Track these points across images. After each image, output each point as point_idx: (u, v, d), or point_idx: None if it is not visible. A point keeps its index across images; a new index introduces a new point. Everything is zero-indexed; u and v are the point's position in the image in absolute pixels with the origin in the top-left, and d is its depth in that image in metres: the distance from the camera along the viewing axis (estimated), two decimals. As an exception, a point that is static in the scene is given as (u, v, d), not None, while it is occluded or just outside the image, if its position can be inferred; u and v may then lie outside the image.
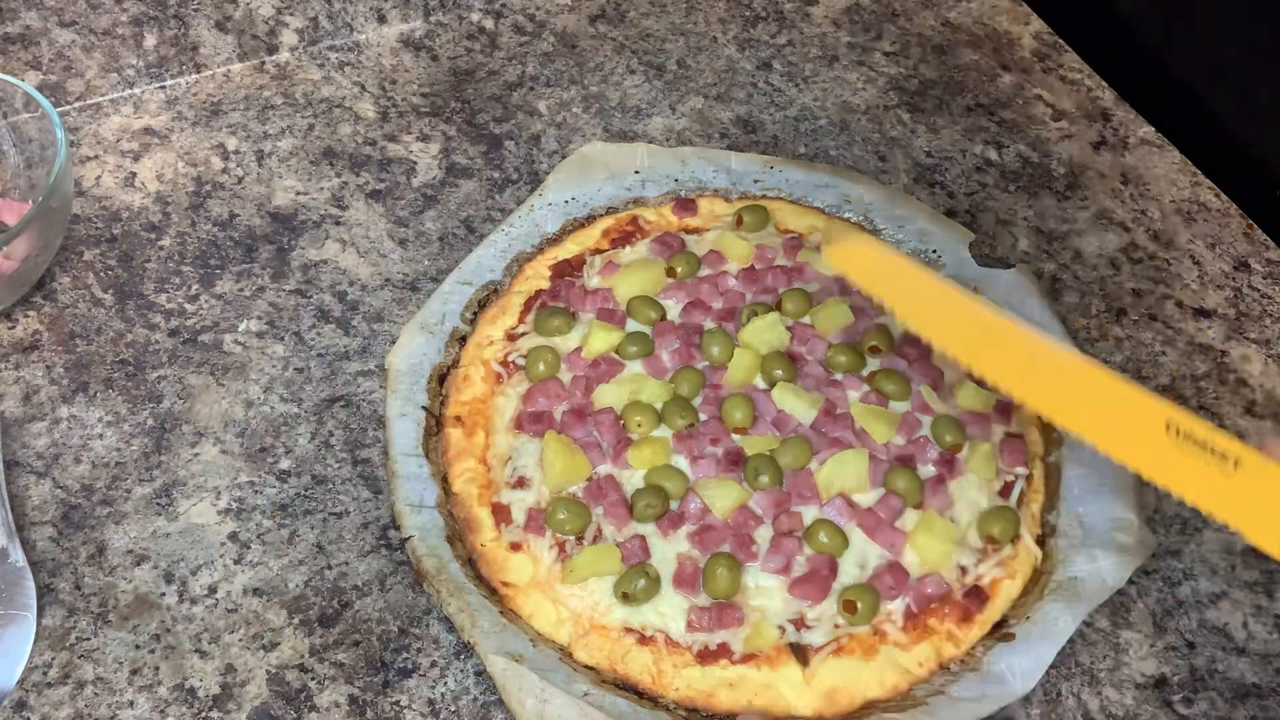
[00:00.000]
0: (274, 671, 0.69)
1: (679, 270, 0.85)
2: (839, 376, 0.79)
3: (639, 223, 0.90)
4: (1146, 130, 1.04)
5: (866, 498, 0.73)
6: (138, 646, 0.69)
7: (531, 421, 0.77)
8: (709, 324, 0.82)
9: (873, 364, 0.80)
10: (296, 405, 0.81)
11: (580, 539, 0.72)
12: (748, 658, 0.68)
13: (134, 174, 0.95)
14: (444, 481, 0.76)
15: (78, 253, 0.89)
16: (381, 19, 1.09)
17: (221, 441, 0.79)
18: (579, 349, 0.80)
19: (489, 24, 1.10)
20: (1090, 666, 0.71)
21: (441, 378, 0.81)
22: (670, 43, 1.10)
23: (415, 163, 0.98)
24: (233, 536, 0.75)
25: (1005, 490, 0.75)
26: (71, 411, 0.80)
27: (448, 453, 0.77)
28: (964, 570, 0.71)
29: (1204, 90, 1.06)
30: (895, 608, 0.69)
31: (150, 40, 1.03)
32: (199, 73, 1.03)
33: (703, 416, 0.77)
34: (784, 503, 0.73)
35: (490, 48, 1.08)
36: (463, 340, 0.83)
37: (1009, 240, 0.94)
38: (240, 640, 0.70)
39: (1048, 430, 0.79)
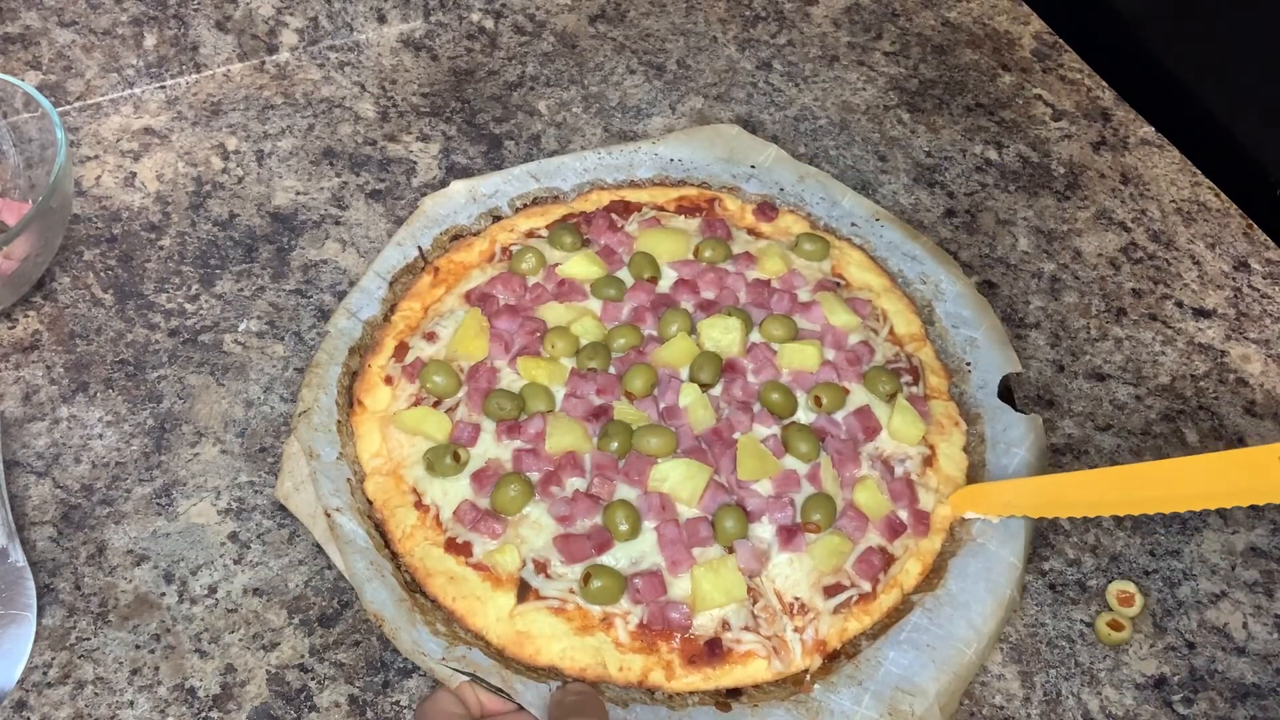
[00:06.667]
0: (274, 671, 0.69)
1: (706, 253, 0.86)
2: (758, 409, 0.77)
3: (715, 205, 0.92)
4: (1146, 130, 1.04)
5: (688, 512, 0.72)
6: (138, 646, 0.69)
7: (478, 299, 0.83)
8: (687, 304, 0.83)
9: (806, 415, 0.77)
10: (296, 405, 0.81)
11: (438, 404, 0.77)
12: (480, 566, 0.70)
13: (134, 174, 0.95)
14: (390, 310, 0.84)
15: (78, 253, 0.89)
16: (381, 19, 1.09)
17: (221, 441, 0.79)
18: (559, 264, 0.85)
19: (489, 24, 1.10)
20: (1090, 666, 0.71)
21: (457, 236, 0.89)
22: (670, 43, 1.10)
23: (415, 163, 0.98)
24: (233, 536, 0.75)
25: (833, 590, 0.70)
26: (71, 411, 0.80)
27: (409, 289, 0.85)
28: (726, 625, 0.68)
29: (1204, 90, 1.06)
30: (635, 611, 0.69)
31: (150, 40, 1.03)
32: (199, 73, 1.03)
33: (612, 370, 0.79)
34: (611, 471, 0.73)
35: (490, 48, 1.08)
36: (497, 219, 0.91)
37: (1009, 240, 0.94)
38: (240, 640, 0.70)
39: (934, 573, 0.73)
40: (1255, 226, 0.96)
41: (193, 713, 0.67)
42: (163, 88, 1.02)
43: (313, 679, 0.69)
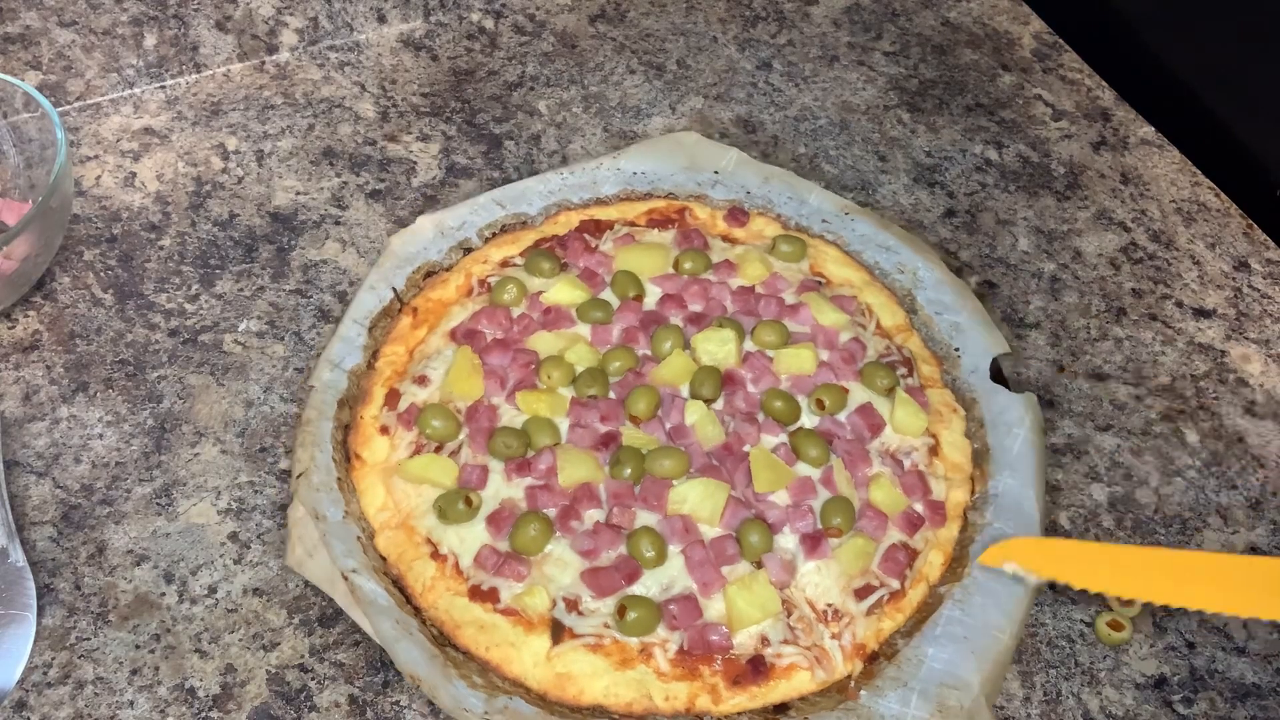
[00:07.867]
0: (274, 671, 0.69)
1: (686, 265, 0.85)
2: (763, 418, 0.77)
3: (686, 215, 0.91)
4: (1146, 130, 1.04)
5: (711, 531, 0.72)
6: (138, 646, 0.69)
7: (465, 336, 0.81)
8: (675, 320, 0.82)
9: (810, 419, 0.77)
10: (296, 405, 0.81)
11: (439, 449, 0.75)
12: (509, 611, 0.69)
13: (134, 174, 0.95)
14: (373, 356, 0.82)
15: (78, 253, 0.89)
16: (381, 19, 1.09)
17: (221, 441, 0.79)
18: (541, 292, 0.84)
19: (489, 24, 1.10)
20: (1090, 666, 0.71)
21: (430, 273, 0.87)
22: (670, 43, 1.10)
23: (415, 163, 0.98)
24: (233, 536, 0.75)
25: (863, 592, 0.70)
26: (71, 411, 0.80)
27: (389, 333, 0.83)
28: (765, 640, 0.68)
29: (1204, 90, 1.06)
30: (672, 639, 0.68)
31: (150, 40, 1.03)
32: (199, 73, 1.03)
33: (612, 395, 0.78)
34: (628, 498, 0.72)
35: (490, 48, 1.08)
36: (468, 251, 0.88)
37: (1009, 240, 0.94)
38: (240, 640, 0.70)
39: (956, 563, 0.73)
40: (1255, 226, 0.96)
41: (193, 713, 0.67)
42: (163, 88, 1.02)
43: (313, 679, 0.69)
